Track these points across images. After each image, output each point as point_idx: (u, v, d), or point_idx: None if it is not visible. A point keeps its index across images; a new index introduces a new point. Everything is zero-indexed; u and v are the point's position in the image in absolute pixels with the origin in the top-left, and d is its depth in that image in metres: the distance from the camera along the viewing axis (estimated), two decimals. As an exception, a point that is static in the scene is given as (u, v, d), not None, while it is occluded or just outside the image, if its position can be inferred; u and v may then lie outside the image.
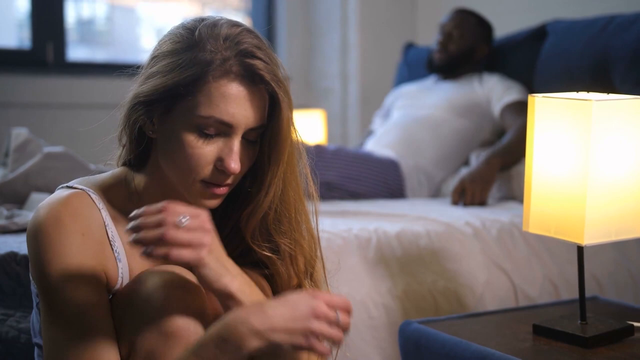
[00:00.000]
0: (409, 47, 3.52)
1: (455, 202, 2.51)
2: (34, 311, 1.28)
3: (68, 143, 2.70)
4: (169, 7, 4.31)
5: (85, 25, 4.15)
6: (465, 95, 2.86)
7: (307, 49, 4.29)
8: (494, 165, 2.57)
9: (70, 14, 3.83)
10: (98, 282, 1.15)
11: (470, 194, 2.49)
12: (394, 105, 3.13)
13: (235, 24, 1.18)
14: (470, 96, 2.86)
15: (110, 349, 1.12)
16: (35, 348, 1.30)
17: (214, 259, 1.13)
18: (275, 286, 1.28)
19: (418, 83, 3.16)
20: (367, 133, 3.25)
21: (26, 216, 1.91)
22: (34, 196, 2.03)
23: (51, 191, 2.03)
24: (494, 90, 2.83)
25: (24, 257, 1.61)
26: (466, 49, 2.96)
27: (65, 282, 1.12)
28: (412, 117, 2.92)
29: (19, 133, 2.26)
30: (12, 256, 1.62)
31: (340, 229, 2.01)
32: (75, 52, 3.80)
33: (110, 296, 1.19)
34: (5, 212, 1.94)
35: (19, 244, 1.68)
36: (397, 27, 4.09)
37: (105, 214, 1.19)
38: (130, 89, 1.20)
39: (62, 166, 2.07)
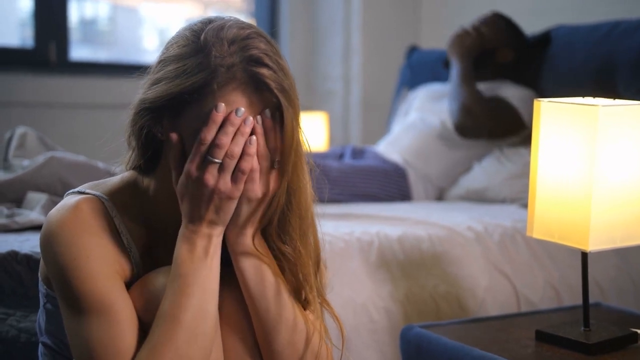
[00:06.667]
0: (412, 50, 3.52)
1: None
2: (40, 311, 1.28)
3: (69, 143, 2.70)
4: (172, 7, 4.31)
5: (88, 25, 4.15)
6: None
7: (310, 51, 4.29)
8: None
9: (73, 14, 3.83)
10: (117, 277, 1.16)
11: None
12: (412, 105, 3.08)
13: (244, 26, 1.16)
14: None
15: (131, 335, 1.12)
16: (40, 346, 1.30)
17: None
18: None
19: (441, 84, 3.10)
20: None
21: (27, 215, 1.90)
22: (30, 195, 2.01)
23: (50, 191, 2.03)
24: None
25: (25, 256, 1.60)
26: (484, 47, 2.85)
27: (86, 278, 1.12)
28: (426, 124, 2.89)
29: (22, 133, 2.22)
30: (12, 255, 1.61)
31: (342, 232, 2.01)
32: (78, 52, 3.79)
33: None
34: (5, 211, 1.93)
35: (20, 243, 1.67)
36: (400, 30, 4.08)
37: (119, 222, 1.19)
38: (137, 94, 1.18)
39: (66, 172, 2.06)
